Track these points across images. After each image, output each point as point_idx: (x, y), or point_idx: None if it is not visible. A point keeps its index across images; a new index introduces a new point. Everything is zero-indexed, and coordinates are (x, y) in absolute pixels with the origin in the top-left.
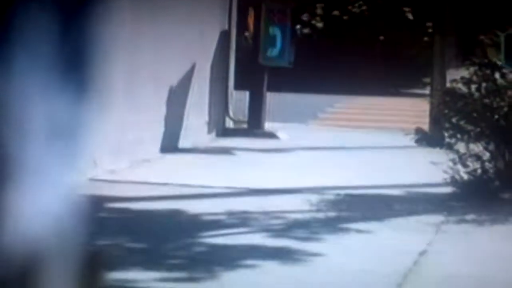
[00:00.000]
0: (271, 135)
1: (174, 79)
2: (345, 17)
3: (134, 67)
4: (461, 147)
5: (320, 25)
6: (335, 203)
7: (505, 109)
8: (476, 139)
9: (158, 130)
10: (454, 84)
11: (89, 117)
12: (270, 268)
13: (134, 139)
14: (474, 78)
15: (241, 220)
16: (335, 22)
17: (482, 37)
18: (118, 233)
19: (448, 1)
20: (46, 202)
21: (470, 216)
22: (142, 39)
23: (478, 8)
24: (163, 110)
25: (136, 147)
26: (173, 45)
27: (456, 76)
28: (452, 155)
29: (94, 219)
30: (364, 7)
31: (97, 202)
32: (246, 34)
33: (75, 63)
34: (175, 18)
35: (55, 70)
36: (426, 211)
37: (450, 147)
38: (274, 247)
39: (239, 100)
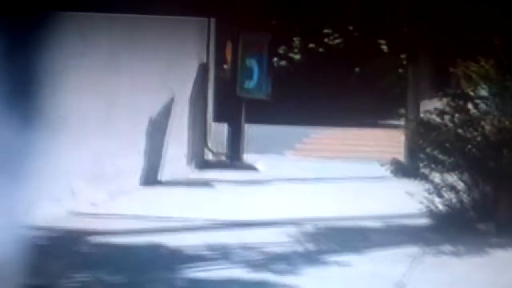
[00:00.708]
0: (250, 167)
1: (153, 111)
2: (321, 49)
3: (111, 99)
4: (436, 177)
5: (297, 57)
6: (313, 235)
7: (479, 139)
8: (451, 169)
9: (137, 162)
10: (428, 115)
11: (63, 148)
12: None
13: (112, 170)
14: (447, 109)
15: (221, 253)
16: (312, 54)
17: (453, 69)
18: (98, 266)
19: (422, 33)
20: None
21: (446, 247)
22: (119, 71)
23: (452, 40)
24: (142, 142)
25: (115, 179)
26: (152, 77)
27: (431, 106)
28: (428, 186)
29: (73, 252)
30: (339, 40)
31: (77, 236)
32: (225, 66)
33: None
34: (153, 50)
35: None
36: (402, 242)
37: (425, 177)
38: (254, 281)
39: (218, 131)
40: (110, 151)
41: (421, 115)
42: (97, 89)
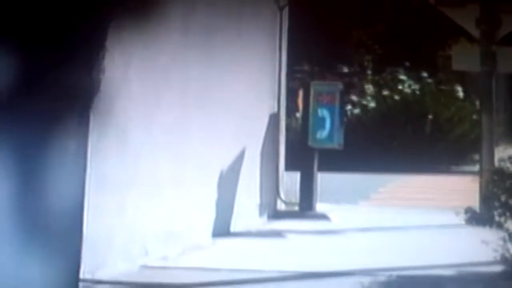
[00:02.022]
0: (323, 217)
1: (224, 163)
2: (396, 97)
3: (182, 154)
4: (511, 225)
5: (372, 105)
6: (388, 285)
7: None
8: None
9: (209, 215)
10: (503, 164)
11: (135, 206)
12: None
13: (185, 225)
14: None
15: None
16: (386, 101)
17: None
18: None
19: (496, 80)
20: None
21: None
22: (190, 126)
23: None
24: (213, 195)
25: (187, 233)
26: (222, 130)
27: (505, 153)
28: (502, 234)
29: None
30: (415, 86)
31: None
32: (297, 114)
33: (119, 151)
34: (224, 103)
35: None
36: None
37: (500, 225)
38: None
39: (290, 181)
40: (183, 207)
41: (496, 162)
42: (169, 145)
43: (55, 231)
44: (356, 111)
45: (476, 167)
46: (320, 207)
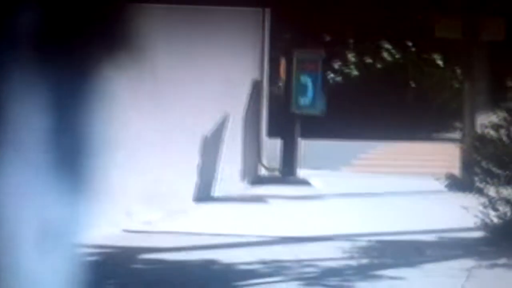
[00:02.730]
0: (304, 182)
1: (207, 129)
2: (378, 65)
3: (167, 119)
4: (491, 191)
5: (355, 73)
6: (367, 250)
7: None
8: (506, 182)
9: (192, 180)
10: (484, 130)
11: (119, 169)
12: None
13: (168, 189)
14: (503, 123)
15: (275, 269)
16: (368, 70)
17: (510, 83)
18: (152, 284)
19: (478, 48)
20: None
21: (501, 260)
22: (174, 92)
23: (508, 54)
24: (196, 160)
25: (170, 198)
26: (206, 96)
27: (486, 120)
28: (482, 199)
29: (127, 270)
30: (396, 55)
31: (131, 253)
32: (280, 83)
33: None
34: (207, 70)
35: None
36: (457, 256)
37: (480, 191)
38: None
39: (272, 148)
40: (166, 171)
41: (477, 129)
42: (152, 110)
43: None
44: (339, 79)
45: (458, 135)
46: (302, 173)
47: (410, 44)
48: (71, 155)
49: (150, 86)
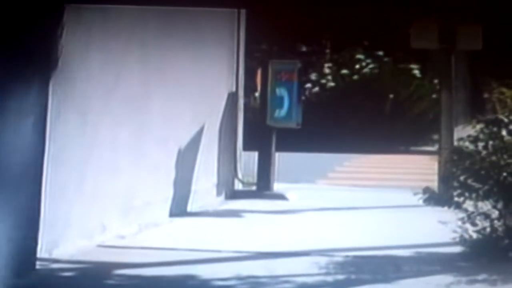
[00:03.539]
0: (280, 196)
1: (182, 141)
2: (355, 77)
3: (142, 129)
4: (469, 205)
5: (331, 84)
6: (344, 266)
7: None
8: (485, 197)
9: (167, 194)
10: (461, 143)
11: (93, 181)
12: None
13: (143, 203)
14: (481, 135)
15: (250, 284)
16: (345, 81)
17: (488, 94)
18: None
19: (455, 58)
20: None
21: (480, 276)
22: (150, 102)
23: (486, 64)
24: (172, 173)
25: (144, 212)
26: (181, 108)
27: (464, 133)
28: (461, 214)
29: (102, 285)
30: (372, 65)
31: (106, 269)
32: (256, 94)
33: (78, 124)
34: (183, 80)
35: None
36: (435, 272)
37: (458, 206)
38: None
39: (248, 161)
40: (141, 183)
41: (455, 142)
42: (128, 121)
43: (11, 209)
44: (315, 89)
45: (435, 147)
46: (277, 186)
47: (386, 54)
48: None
49: (122, 96)
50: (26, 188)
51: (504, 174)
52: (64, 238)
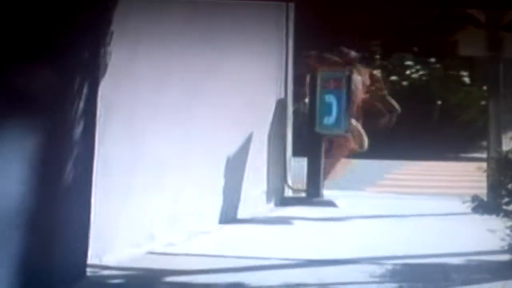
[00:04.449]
0: (330, 203)
1: (230, 149)
2: (404, 83)
3: (188, 139)
4: None
5: None
6: (393, 274)
7: None
8: None
9: (216, 201)
10: (510, 153)
11: (140, 190)
12: None
13: (191, 210)
14: None
15: None
16: (394, 87)
17: None
18: None
19: (503, 66)
20: None
21: None
22: (197, 110)
23: None
24: (220, 180)
25: (193, 220)
26: (229, 115)
27: None
28: (510, 222)
29: None
30: (422, 72)
31: (155, 276)
32: (306, 100)
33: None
34: (230, 87)
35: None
36: (484, 280)
37: (507, 214)
38: None
39: (297, 168)
40: (189, 191)
41: (503, 149)
42: (174, 130)
43: (63, 216)
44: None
45: (484, 154)
46: (327, 193)
47: (435, 60)
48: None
49: (169, 105)
50: (76, 195)
51: None
52: (113, 247)
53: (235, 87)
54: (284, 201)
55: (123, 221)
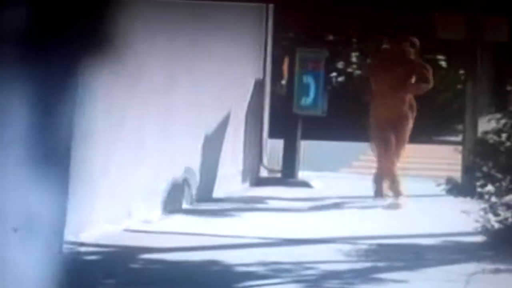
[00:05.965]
0: (305, 184)
1: (208, 129)
2: None
3: (167, 116)
4: (492, 196)
5: (357, 72)
6: (367, 253)
7: None
8: (508, 188)
9: (192, 180)
10: (485, 135)
11: (118, 167)
12: None
13: (168, 188)
14: (505, 127)
15: (274, 271)
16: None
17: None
18: (151, 284)
19: (481, 49)
20: None
21: (502, 265)
22: (176, 88)
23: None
24: (197, 159)
25: (170, 197)
26: (207, 94)
27: (488, 124)
28: (483, 204)
29: (127, 270)
30: None
31: (131, 253)
32: (283, 82)
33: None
34: (210, 66)
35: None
36: (457, 261)
37: (481, 196)
38: None
39: (273, 148)
40: (166, 169)
41: (479, 133)
42: (153, 107)
43: (39, 192)
44: (341, 78)
45: (459, 137)
46: (302, 174)
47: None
48: (56, 152)
49: (148, 82)
50: (54, 172)
51: None
52: (90, 223)
53: (214, 68)
54: (259, 181)
55: (100, 197)
